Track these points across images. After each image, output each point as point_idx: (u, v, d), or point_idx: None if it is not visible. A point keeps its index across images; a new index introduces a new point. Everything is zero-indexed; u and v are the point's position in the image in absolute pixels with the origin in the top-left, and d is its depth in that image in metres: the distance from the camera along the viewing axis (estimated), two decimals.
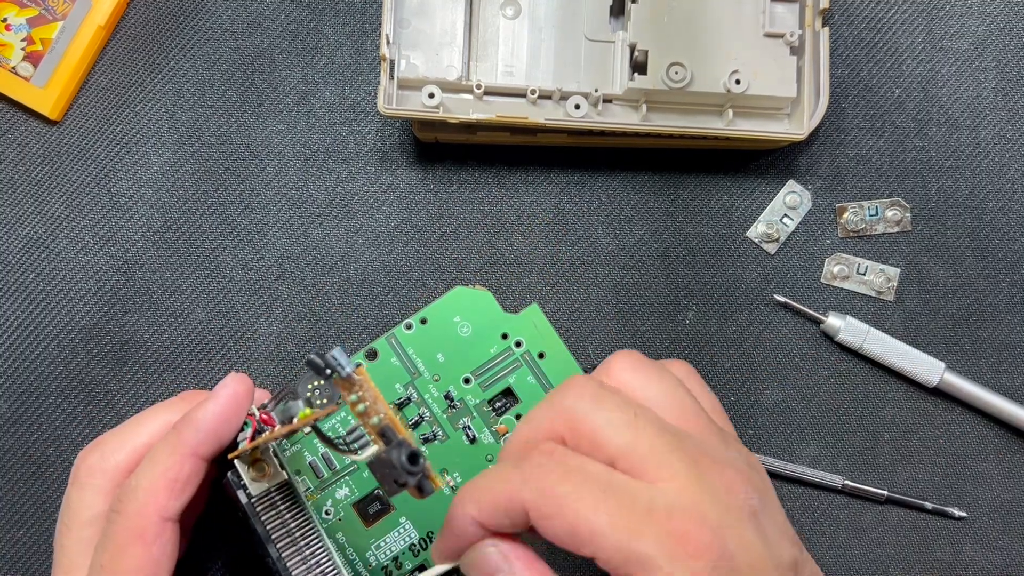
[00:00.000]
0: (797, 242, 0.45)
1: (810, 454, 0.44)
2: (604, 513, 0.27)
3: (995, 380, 0.44)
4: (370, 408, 0.29)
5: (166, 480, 0.31)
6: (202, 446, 0.32)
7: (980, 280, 0.44)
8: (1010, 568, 0.43)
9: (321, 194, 0.45)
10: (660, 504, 0.27)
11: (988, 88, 0.45)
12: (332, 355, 0.28)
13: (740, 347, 0.44)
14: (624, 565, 0.27)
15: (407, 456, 0.27)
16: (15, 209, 0.44)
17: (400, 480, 0.27)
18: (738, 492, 0.29)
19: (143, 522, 0.31)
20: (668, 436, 0.29)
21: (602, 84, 0.41)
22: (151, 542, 0.31)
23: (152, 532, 0.31)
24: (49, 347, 0.44)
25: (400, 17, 0.41)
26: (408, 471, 0.26)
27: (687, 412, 0.31)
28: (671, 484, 0.28)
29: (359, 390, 0.29)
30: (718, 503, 0.28)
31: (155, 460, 0.32)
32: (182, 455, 0.32)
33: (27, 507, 0.43)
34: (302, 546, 0.33)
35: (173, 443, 0.32)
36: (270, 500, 0.33)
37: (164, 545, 0.31)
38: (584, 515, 0.27)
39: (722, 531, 0.27)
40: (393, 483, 0.27)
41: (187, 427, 0.32)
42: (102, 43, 0.45)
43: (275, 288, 0.44)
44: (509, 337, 0.40)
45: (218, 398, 0.33)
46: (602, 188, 0.45)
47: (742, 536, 0.28)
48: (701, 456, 0.29)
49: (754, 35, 0.41)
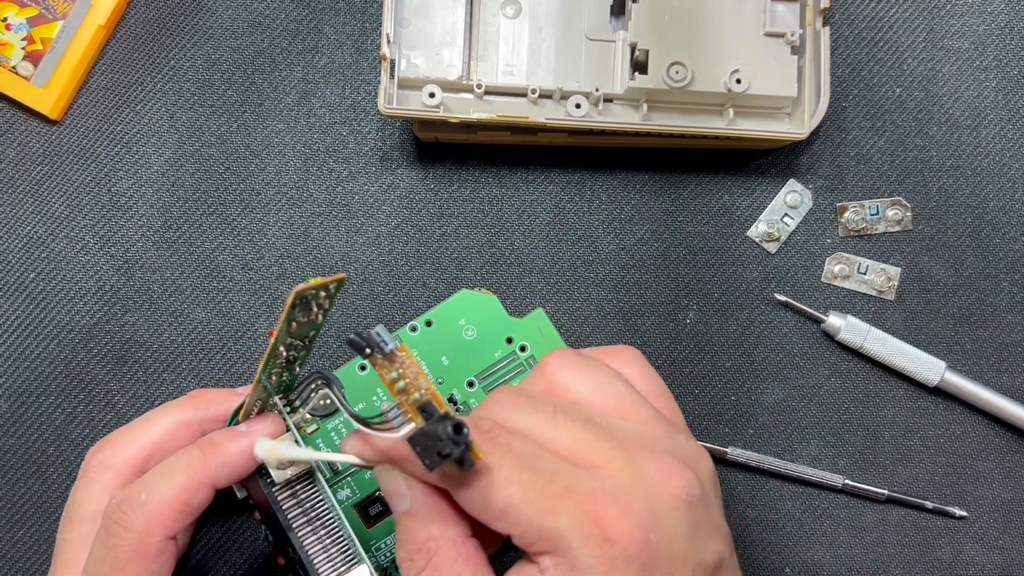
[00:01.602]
0: (798, 241, 0.45)
1: (810, 454, 0.44)
2: (519, 485, 0.27)
3: (996, 380, 0.44)
4: (411, 385, 0.28)
5: (178, 502, 0.31)
6: (222, 480, 0.32)
7: (981, 280, 0.44)
8: (1010, 568, 0.43)
9: (321, 194, 0.45)
10: (584, 486, 0.27)
11: (989, 87, 0.45)
12: (376, 331, 0.28)
13: (740, 347, 0.44)
14: (536, 543, 0.27)
15: (453, 427, 0.27)
16: (15, 209, 0.44)
17: (445, 451, 0.27)
18: (674, 481, 0.28)
19: (148, 540, 0.31)
20: (594, 427, 0.29)
21: (603, 83, 0.41)
22: (152, 559, 0.31)
23: (155, 550, 0.31)
24: (49, 347, 0.43)
25: (400, 17, 0.41)
26: (454, 441, 0.27)
27: (625, 402, 0.30)
28: (602, 470, 0.28)
29: (400, 367, 0.29)
30: (648, 492, 0.27)
31: (170, 478, 0.31)
32: (200, 483, 0.31)
33: (27, 507, 0.43)
34: (323, 535, 0.33)
35: (195, 467, 0.31)
36: (291, 489, 0.33)
37: (165, 562, 0.31)
38: (499, 487, 0.27)
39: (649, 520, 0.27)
40: (436, 455, 0.27)
41: (214, 456, 0.31)
42: (102, 43, 0.45)
43: (275, 288, 0.44)
44: (514, 341, 0.40)
45: (251, 438, 0.32)
46: (602, 188, 0.45)
47: (670, 528, 0.27)
48: (634, 445, 0.29)
49: (755, 34, 0.41)
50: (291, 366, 0.32)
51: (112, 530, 0.31)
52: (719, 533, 0.30)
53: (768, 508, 0.43)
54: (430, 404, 0.28)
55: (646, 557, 0.27)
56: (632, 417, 0.30)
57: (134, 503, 0.31)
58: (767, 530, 0.43)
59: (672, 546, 0.27)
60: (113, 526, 0.31)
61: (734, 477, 0.43)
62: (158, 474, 0.32)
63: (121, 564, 0.31)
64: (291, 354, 0.31)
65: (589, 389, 0.31)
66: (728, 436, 0.44)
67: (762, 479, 0.43)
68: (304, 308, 0.29)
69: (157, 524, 0.31)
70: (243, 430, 0.32)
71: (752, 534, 0.43)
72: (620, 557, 0.26)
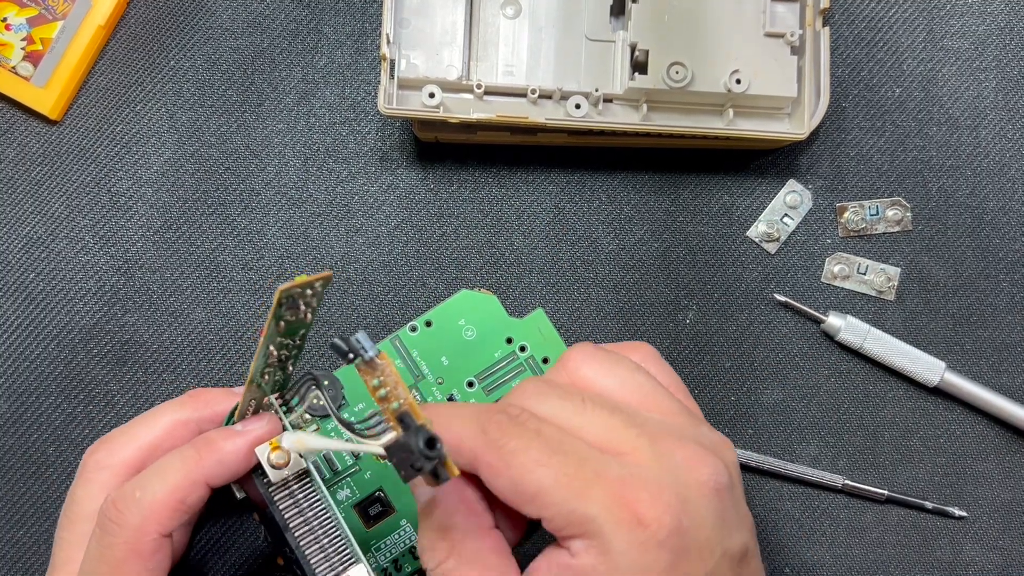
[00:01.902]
0: (797, 242, 0.45)
1: (810, 454, 0.44)
2: (550, 469, 0.27)
3: (995, 380, 0.44)
4: (391, 393, 0.28)
5: (173, 500, 0.31)
6: (217, 479, 0.32)
7: (980, 280, 0.44)
8: (1010, 568, 0.43)
9: (321, 194, 0.45)
10: (613, 471, 0.27)
11: (989, 87, 0.45)
12: (356, 338, 0.28)
13: (740, 347, 0.44)
14: (567, 527, 0.27)
15: (425, 441, 0.26)
16: (15, 209, 0.44)
17: (417, 465, 0.27)
18: (701, 469, 0.28)
19: (143, 538, 0.31)
20: (622, 416, 0.29)
21: (602, 84, 0.41)
22: (148, 558, 0.31)
23: (150, 548, 0.31)
24: (49, 347, 0.44)
25: (400, 17, 0.41)
26: (426, 456, 0.26)
27: (648, 395, 0.31)
28: (630, 457, 0.28)
29: (381, 375, 0.29)
30: (678, 478, 0.28)
31: (165, 476, 0.31)
32: (195, 481, 0.31)
33: (27, 507, 0.43)
34: (320, 535, 0.33)
35: (190, 465, 0.31)
36: (288, 488, 0.33)
37: (161, 560, 0.31)
38: (529, 469, 0.27)
39: (679, 506, 0.27)
40: (410, 467, 0.27)
41: (210, 455, 0.31)
42: (102, 43, 0.45)
43: (275, 288, 0.44)
44: (514, 342, 0.40)
45: (248, 437, 0.32)
46: (602, 188, 0.45)
47: (698, 514, 0.27)
48: (662, 433, 0.29)
49: (755, 35, 0.41)
50: (284, 365, 0.32)
51: (107, 528, 0.31)
52: (744, 522, 0.30)
53: (768, 508, 0.43)
54: (407, 415, 0.28)
55: (676, 542, 0.27)
56: (656, 409, 0.30)
57: (129, 501, 0.31)
58: (767, 530, 0.43)
59: (700, 532, 0.27)
60: (108, 524, 0.31)
61: None
62: (153, 472, 0.32)
63: (117, 562, 0.31)
64: (283, 353, 0.31)
65: (614, 383, 0.31)
66: (728, 436, 0.43)
67: (762, 479, 0.43)
68: (291, 307, 0.29)
69: (152, 522, 0.31)
70: (239, 429, 0.32)
71: None
72: (652, 541, 0.26)
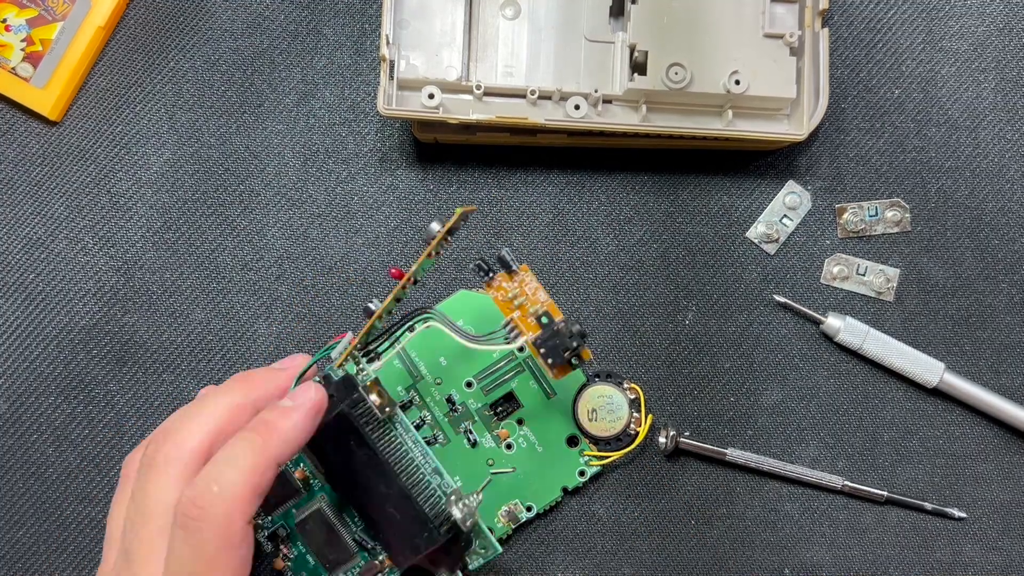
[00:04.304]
0: (797, 242, 0.45)
1: (810, 454, 0.44)
2: None
3: (995, 380, 0.44)
4: (530, 299, 0.35)
5: (251, 486, 0.31)
6: (284, 456, 0.33)
7: (980, 280, 0.44)
8: (1010, 568, 0.43)
9: (321, 195, 0.45)
10: None
11: (988, 89, 0.45)
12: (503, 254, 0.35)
13: (740, 347, 0.44)
14: None
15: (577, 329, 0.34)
16: (15, 209, 0.44)
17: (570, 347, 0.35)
18: None
19: (232, 528, 0.31)
20: None
21: (602, 84, 0.41)
22: (239, 546, 0.31)
23: (239, 537, 0.31)
24: (49, 347, 0.44)
25: (400, 18, 0.41)
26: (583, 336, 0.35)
27: None
28: None
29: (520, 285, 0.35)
30: None
31: (237, 465, 0.32)
32: (265, 463, 0.32)
33: (27, 507, 0.43)
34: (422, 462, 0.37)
35: (257, 450, 0.32)
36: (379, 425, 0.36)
37: (249, 547, 0.32)
38: None
39: None
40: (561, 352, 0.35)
41: (273, 437, 0.33)
42: (102, 44, 0.45)
43: (275, 288, 0.44)
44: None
45: (303, 410, 0.34)
46: (602, 188, 0.45)
47: None
48: None
49: (754, 36, 0.41)
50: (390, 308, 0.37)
51: (192, 527, 0.31)
52: None
53: (767, 509, 0.43)
54: (548, 315, 0.35)
55: None
56: None
57: (209, 496, 0.31)
58: (766, 531, 0.43)
59: None
60: (191, 523, 0.31)
61: (733, 478, 0.43)
62: (223, 464, 0.32)
63: (210, 558, 0.31)
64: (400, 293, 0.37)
65: None
66: (727, 437, 0.44)
67: (761, 480, 0.43)
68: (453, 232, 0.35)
69: (237, 512, 0.31)
70: (290, 404, 0.34)
71: (752, 535, 0.43)
72: None
